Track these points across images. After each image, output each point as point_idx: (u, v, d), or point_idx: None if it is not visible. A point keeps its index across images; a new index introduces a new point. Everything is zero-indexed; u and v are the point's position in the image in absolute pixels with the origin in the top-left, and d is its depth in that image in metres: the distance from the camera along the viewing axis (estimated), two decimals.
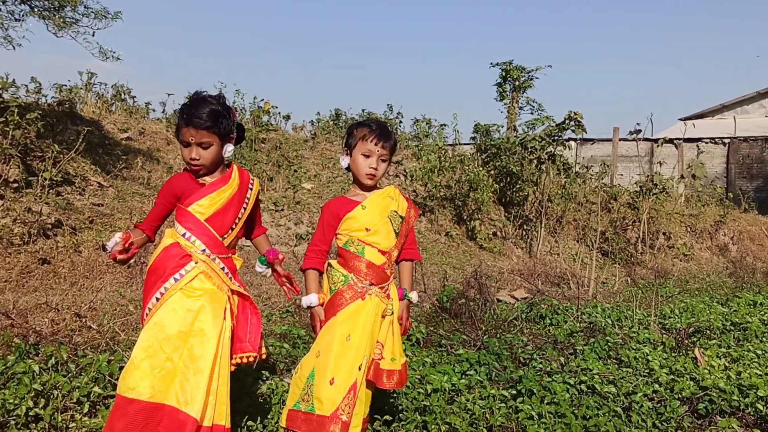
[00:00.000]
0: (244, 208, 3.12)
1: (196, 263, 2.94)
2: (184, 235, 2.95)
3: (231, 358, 2.99)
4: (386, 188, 3.37)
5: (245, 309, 3.09)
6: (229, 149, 3.10)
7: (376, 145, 3.20)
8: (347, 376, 3.06)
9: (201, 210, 2.98)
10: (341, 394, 3.03)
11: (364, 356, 3.12)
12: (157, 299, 2.88)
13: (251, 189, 3.15)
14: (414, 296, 3.47)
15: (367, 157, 3.21)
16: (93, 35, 10.01)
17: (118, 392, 2.79)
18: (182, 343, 2.82)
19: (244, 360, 3.05)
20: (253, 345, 3.06)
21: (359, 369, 3.09)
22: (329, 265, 3.26)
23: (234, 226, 3.08)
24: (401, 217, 3.30)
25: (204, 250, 2.97)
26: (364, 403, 3.23)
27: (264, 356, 3.20)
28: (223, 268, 3.00)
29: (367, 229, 3.21)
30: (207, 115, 2.99)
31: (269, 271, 3.36)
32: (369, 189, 3.30)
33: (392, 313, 3.28)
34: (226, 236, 3.06)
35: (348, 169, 3.30)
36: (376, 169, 3.22)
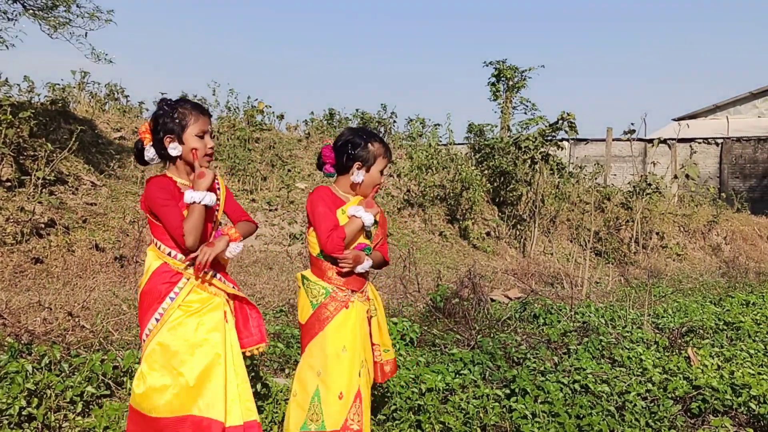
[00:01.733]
0: (217, 210, 3.04)
1: (187, 279, 2.88)
2: (170, 254, 2.87)
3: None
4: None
5: (243, 307, 3.07)
6: None
7: (389, 160, 3.32)
8: (350, 386, 3.06)
9: None
10: (348, 405, 3.04)
11: (361, 362, 3.13)
12: (157, 320, 2.83)
13: (218, 189, 3.04)
14: (367, 263, 3.23)
15: (382, 173, 3.29)
16: (86, 36, 9.97)
17: (142, 412, 2.77)
18: (189, 356, 2.80)
19: (255, 352, 3.06)
20: (259, 336, 3.07)
21: (359, 376, 3.10)
22: (305, 277, 3.23)
23: (212, 231, 3.01)
24: (375, 221, 3.29)
25: (192, 264, 2.89)
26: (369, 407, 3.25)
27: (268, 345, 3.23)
28: (214, 275, 2.94)
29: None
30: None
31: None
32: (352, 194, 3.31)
33: (376, 312, 3.30)
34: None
35: (357, 182, 3.22)
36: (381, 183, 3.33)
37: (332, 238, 3.07)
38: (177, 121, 2.88)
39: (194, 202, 2.79)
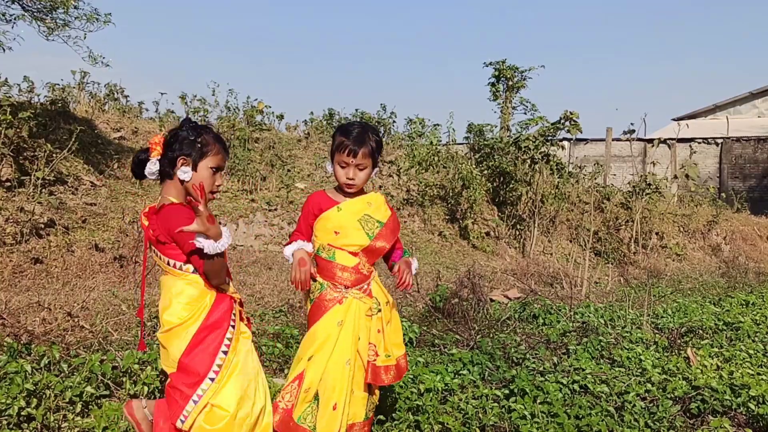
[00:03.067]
0: None
1: (235, 302, 2.85)
2: (195, 271, 2.75)
3: None
4: (369, 194, 3.40)
5: None
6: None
7: (348, 155, 3.19)
8: (296, 368, 3.21)
9: None
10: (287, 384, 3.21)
11: (328, 355, 3.17)
12: (225, 353, 2.73)
13: None
14: (414, 262, 3.43)
15: (344, 167, 3.23)
16: (84, 38, 9.96)
17: None
18: (256, 383, 2.84)
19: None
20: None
21: (316, 364, 3.16)
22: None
23: None
24: (379, 222, 3.31)
25: (229, 283, 2.88)
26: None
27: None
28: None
29: (336, 232, 3.25)
30: None
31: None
32: (352, 195, 3.33)
33: (379, 311, 3.30)
34: None
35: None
36: (353, 179, 3.23)
37: (290, 238, 3.36)
38: (198, 146, 2.77)
39: (215, 253, 2.63)
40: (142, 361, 4.22)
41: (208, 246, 2.59)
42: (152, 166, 2.77)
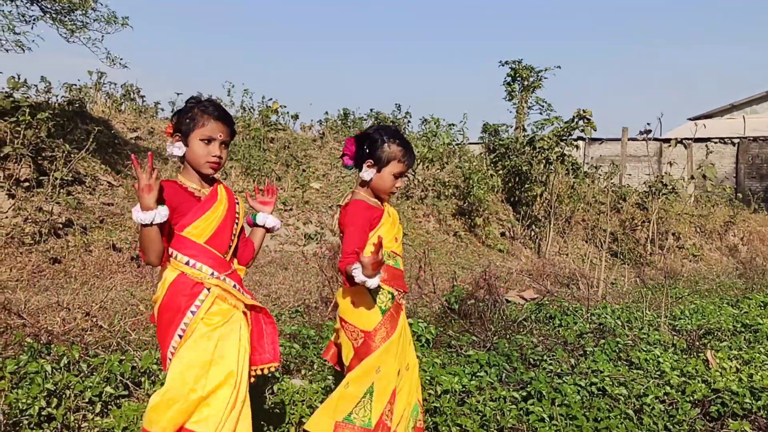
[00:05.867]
0: (236, 223, 2.97)
1: (208, 289, 2.79)
2: (188, 263, 2.76)
3: (249, 372, 2.90)
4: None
5: (259, 320, 2.99)
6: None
7: (406, 168, 3.12)
8: (392, 384, 3.09)
9: (197, 233, 2.80)
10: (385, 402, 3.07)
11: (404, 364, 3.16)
12: (180, 336, 2.74)
13: (238, 204, 2.99)
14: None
15: (397, 177, 3.13)
16: (102, 40, 10.05)
17: (145, 426, 2.73)
18: (204, 372, 2.74)
19: (266, 371, 2.97)
20: (273, 355, 2.99)
21: (398, 374, 3.12)
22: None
23: (231, 243, 2.95)
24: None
25: (213, 273, 2.81)
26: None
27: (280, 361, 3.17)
28: (234, 286, 2.87)
29: (396, 239, 3.18)
30: (231, 116, 2.90)
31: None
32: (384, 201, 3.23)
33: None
34: (226, 254, 2.91)
35: (366, 180, 3.14)
36: (399, 188, 3.18)
37: (346, 258, 2.95)
38: (187, 120, 2.79)
39: (140, 224, 2.62)
40: (160, 361, 4.23)
41: (135, 214, 2.60)
42: (170, 149, 2.83)
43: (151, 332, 5.26)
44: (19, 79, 9.09)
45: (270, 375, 3.35)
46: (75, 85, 12.61)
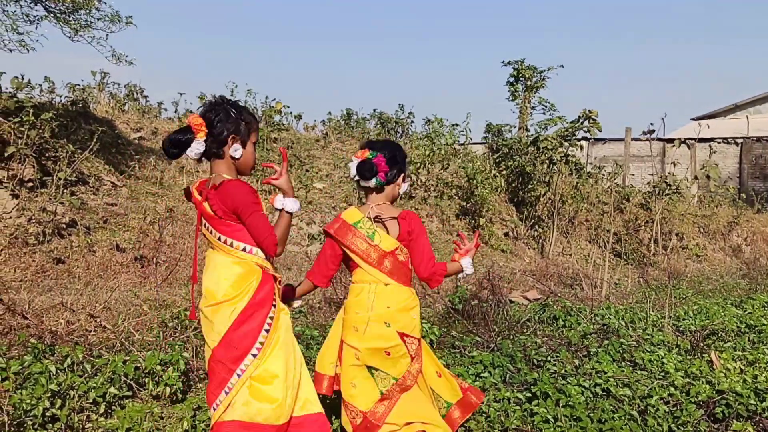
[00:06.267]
0: None
1: (276, 281, 2.95)
2: (244, 250, 2.85)
3: None
4: None
5: None
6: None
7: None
8: None
9: None
10: None
11: None
12: (267, 331, 2.82)
13: None
14: None
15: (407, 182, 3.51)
16: (106, 39, 10.08)
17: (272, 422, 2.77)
18: (294, 356, 2.91)
19: None
20: None
21: None
22: (411, 293, 3.34)
23: None
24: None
25: (266, 258, 2.92)
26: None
27: None
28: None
29: None
30: None
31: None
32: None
33: None
34: None
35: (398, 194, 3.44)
36: None
37: (438, 270, 3.34)
38: (245, 124, 2.91)
39: (284, 210, 2.94)
40: (164, 362, 4.24)
41: (290, 204, 2.92)
42: (198, 146, 2.85)
43: (155, 332, 5.26)
44: (22, 79, 9.09)
45: None
46: (78, 85, 12.63)
